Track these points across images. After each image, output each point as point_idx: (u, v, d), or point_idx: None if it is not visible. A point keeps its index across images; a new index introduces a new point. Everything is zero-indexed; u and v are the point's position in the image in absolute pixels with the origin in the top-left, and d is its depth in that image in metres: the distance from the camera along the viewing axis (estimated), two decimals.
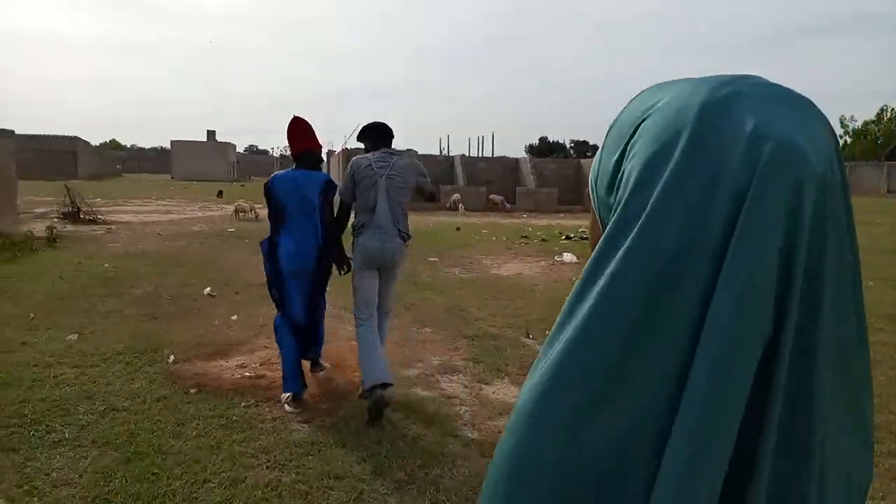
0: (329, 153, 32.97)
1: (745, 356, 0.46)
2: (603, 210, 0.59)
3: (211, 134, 66.10)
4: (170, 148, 65.03)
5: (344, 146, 24.86)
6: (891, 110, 66.95)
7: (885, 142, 64.71)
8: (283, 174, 4.19)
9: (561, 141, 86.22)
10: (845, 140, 70.52)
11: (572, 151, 79.92)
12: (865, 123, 69.30)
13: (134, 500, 2.93)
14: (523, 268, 10.34)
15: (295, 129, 4.23)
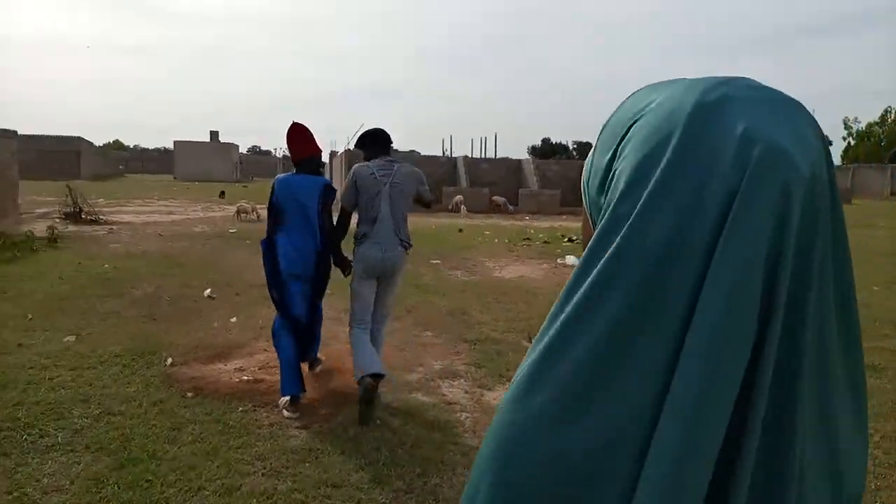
0: (332, 154, 32.96)
1: (734, 354, 0.46)
2: (594, 210, 0.59)
3: (214, 134, 66.03)
4: (173, 148, 65.10)
5: (347, 147, 24.84)
6: (895, 112, 66.77)
7: (889, 144, 64.50)
8: (285, 178, 4.26)
9: (564, 142, 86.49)
10: (849, 142, 70.40)
11: (575, 153, 79.91)
12: (869, 125, 69.16)
13: None
14: (526, 270, 10.27)
15: (294, 135, 4.28)
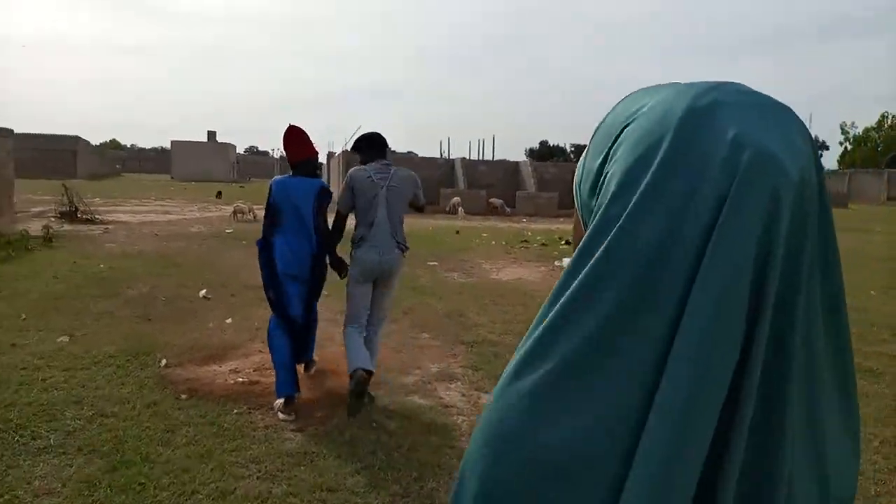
0: (329, 155, 32.89)
1: (722, 357, 0.46)
2: (585, 212, 0.60)
3: (211, 134, 65.82)
4: (170, 148, 64.92)
5: (345, 148, 24.79)
6: (891, 117, 67.00)
7: (886, 149, 64.68)
8: (283, 180, 4.26)
9: (561, 145, 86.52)
10: (846, 147, 70.59)
11: (572, 155, 79.95)
12: (866, 130, 69.36)
13: None
14: (523, 272, 10.25)
15: (291, 138, 4.29)
